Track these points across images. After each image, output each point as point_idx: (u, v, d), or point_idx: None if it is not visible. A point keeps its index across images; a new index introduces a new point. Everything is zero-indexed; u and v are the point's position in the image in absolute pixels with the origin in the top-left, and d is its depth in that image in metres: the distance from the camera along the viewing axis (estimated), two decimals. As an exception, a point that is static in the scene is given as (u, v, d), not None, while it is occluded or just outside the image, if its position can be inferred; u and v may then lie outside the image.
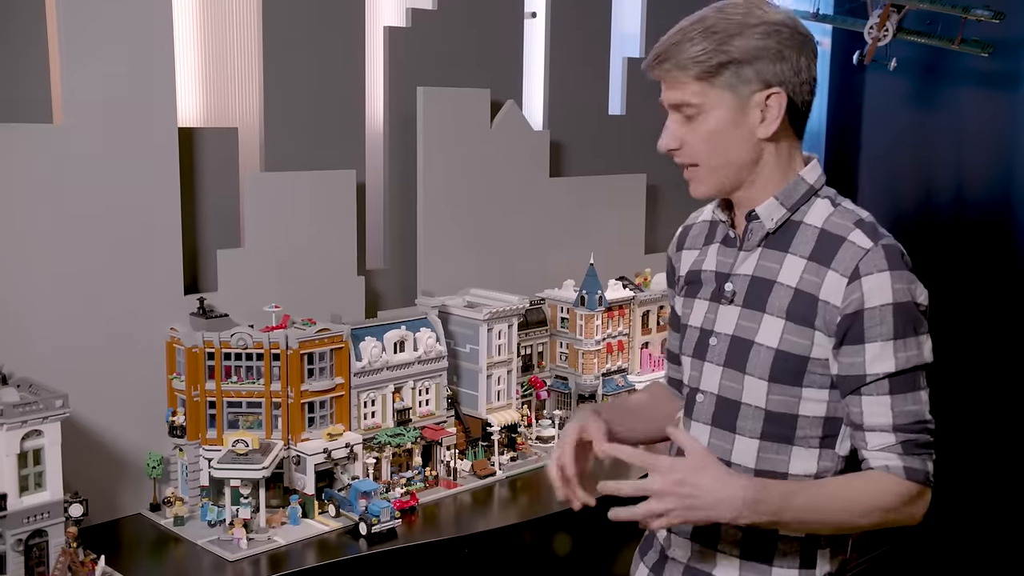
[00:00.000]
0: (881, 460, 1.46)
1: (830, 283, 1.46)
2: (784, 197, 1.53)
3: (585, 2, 3.59)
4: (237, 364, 2.48)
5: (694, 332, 1.64)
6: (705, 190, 1.56)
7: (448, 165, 3.15)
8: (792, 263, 1.50)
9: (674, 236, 1.80)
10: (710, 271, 1.63)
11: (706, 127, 1.50)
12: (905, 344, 1.45)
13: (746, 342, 1.53)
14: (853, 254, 1.45)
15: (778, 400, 1.51)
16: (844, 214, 1.52)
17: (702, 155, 1.52)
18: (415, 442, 2.73)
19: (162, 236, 2.54)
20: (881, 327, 1.44)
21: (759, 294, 1.53)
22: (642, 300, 3.41)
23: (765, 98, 1.48)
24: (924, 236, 4.39)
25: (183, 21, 2.68)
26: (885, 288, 1.43)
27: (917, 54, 4.26)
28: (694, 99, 1.49)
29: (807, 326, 1.48)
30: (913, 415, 1.47)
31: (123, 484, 2.52)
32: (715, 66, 1.46)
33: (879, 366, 1.45)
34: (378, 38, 3.06)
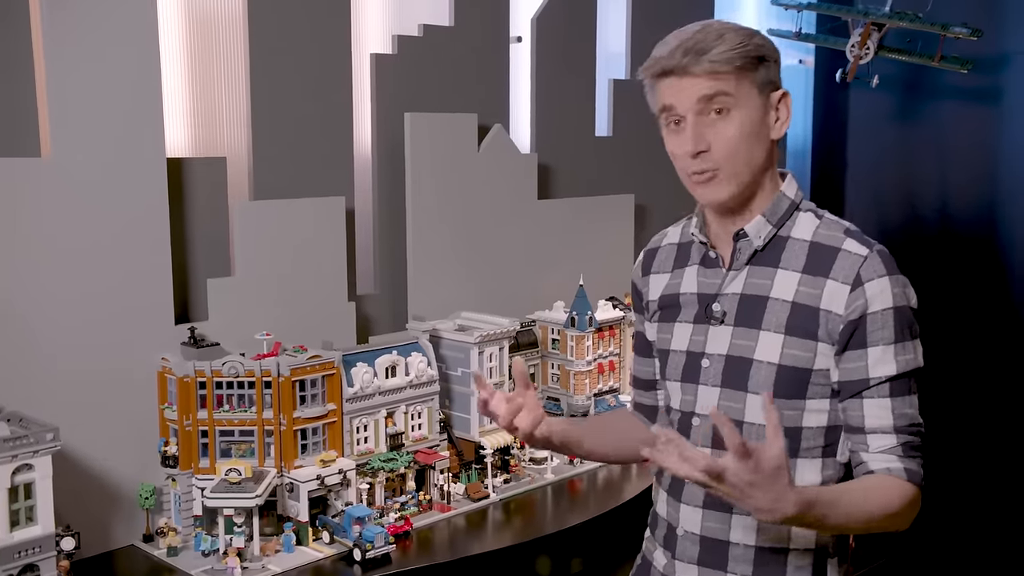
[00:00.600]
0: (882, 463, 1.48)
1: (831, 292, 1.48)
2: (770, 214, 1.55)
3: (570, 25, 3.62)
4: (229, 392, 2.48)
5: (679, 356, 1.62)
6: (723, 194, 1.52)
7: (437, 190, 3.17)
8: (785, 278, 1.52)
9: (637, 262, 1.78)
10: (691, 293, 1.62)
11: (736, 123, 1.49)
12: (904, 348, 1.48)
13: (745, 360, 1.53)
14: (852, 262, 1.48)
15: (783, 415, 1.51)
16: (831, 225, 1.54)
17: (731, 154, 1.50)
18: (408, 466, 2.73)
19: (152, 266, 2.54)
20: (883, 331, 1.47)
21: (752, 312, 1.54)
22: (632, 320, 3.42)
23: (779, 99, 1.53)
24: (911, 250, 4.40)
25: (170, 51, 2.70)
26: (886, 293, 1.47)
27: (899, 71, 4.30)
28: (732, 90, 1.48)
29: (809, 338, 1.49)
30: (910, 418, 1.50)
31: (116, 516, 2.51)
32: (753, 59, 1.49)
33: (881, 369, 1.48)
34: (365, 65, 3.08)
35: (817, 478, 1.53)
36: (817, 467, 1.54)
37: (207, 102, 2.86)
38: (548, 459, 3.06)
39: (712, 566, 1.59)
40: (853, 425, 1.51)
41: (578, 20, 3.65)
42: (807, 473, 1.53)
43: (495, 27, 3.38)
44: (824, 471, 1.54)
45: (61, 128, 2.37)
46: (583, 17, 3.67)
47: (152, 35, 2.49)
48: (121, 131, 2.46)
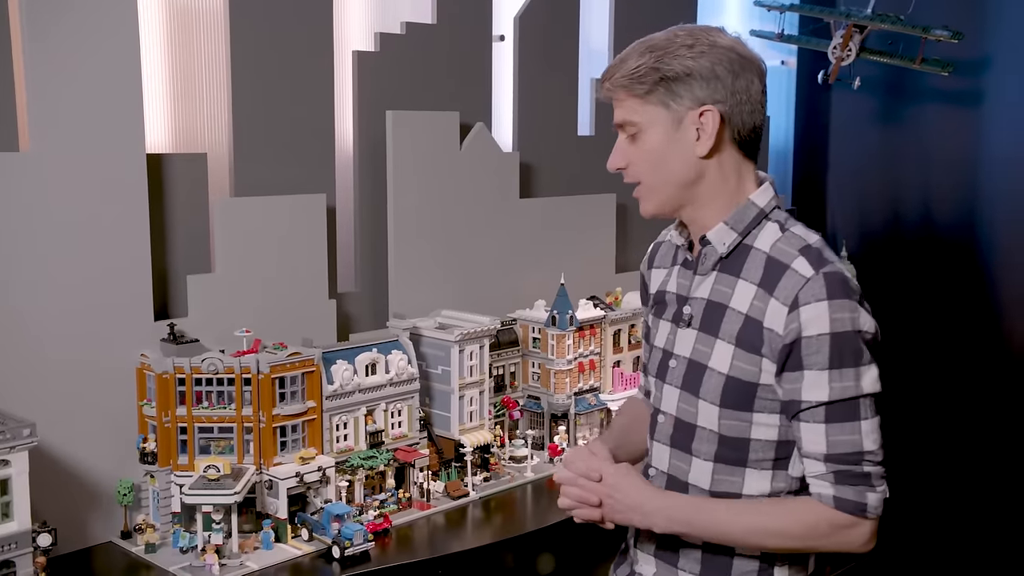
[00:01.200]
0: (815, 487, 1.50)
1: (772, 311, 1.48)
2: (734, 221, 1.56)
3: (553, 24, 3.63)
4: (208, 389, 2.48)
5: (657, 353, 1.67)
6: (649, 208, 1.62)
7: (418, 188, 3.17)
8: (743, 289, 1.53)
9: (646, 252, 1.83)
10: (672, 293, 1.66)
11: (646, 145, 1.56)
12: (841, 374, 1.45)
13: (700, 366, 1.56)
14: (794, 283, 1.46)
15: (730, 424, 1.53)
16: (791, 240, 1.53)
17: (644, 173, 1.58)
18: (388, 464, 2.73)
19: (131, 262, 2.53)
20: (817, 356, 1.44)
21: (713, 319, 1.55)
22: (613, 319, 3.43)
23: (698, 115, 1.52)
24: (892, 251, 4.46)
25: (150, 46, 2.68)
26: (822, 318, 1.44)
27: (880, 73, 4.33)
28: (633, 116, 1.55)
29: (755, 353, 1.50)
30: (850, 445, 1.47)
31: (93, 512, 2.50)
32: (650, 83, 1.52)
33: (813, 394, 1.46)
34: (347, 62, 3.08)
35: (766, 488, 1.55)
36: (767, 478, 1.55)
37: (188, 98, 2.85)
38: (528, 458, 3.07)
39: (666, 560, 1.63)
40: (798, 447, 1.52)
41: (561, 19, 3.66)
42: (756, 482, 1.55)
43: (478, 25, 3.38)
44: (774, 483, 1.55)
45: (40, 122, 2.36)
46: (566, 16, 3.68)
47: (132, 29, 2.48)
48: (101, 126, 2.45)
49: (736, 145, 1.55)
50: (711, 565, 1.58)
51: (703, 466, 1.57)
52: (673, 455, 1.61)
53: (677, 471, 1.60)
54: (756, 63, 1.55)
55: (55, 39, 2.36)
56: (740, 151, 1.56)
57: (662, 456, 1.63)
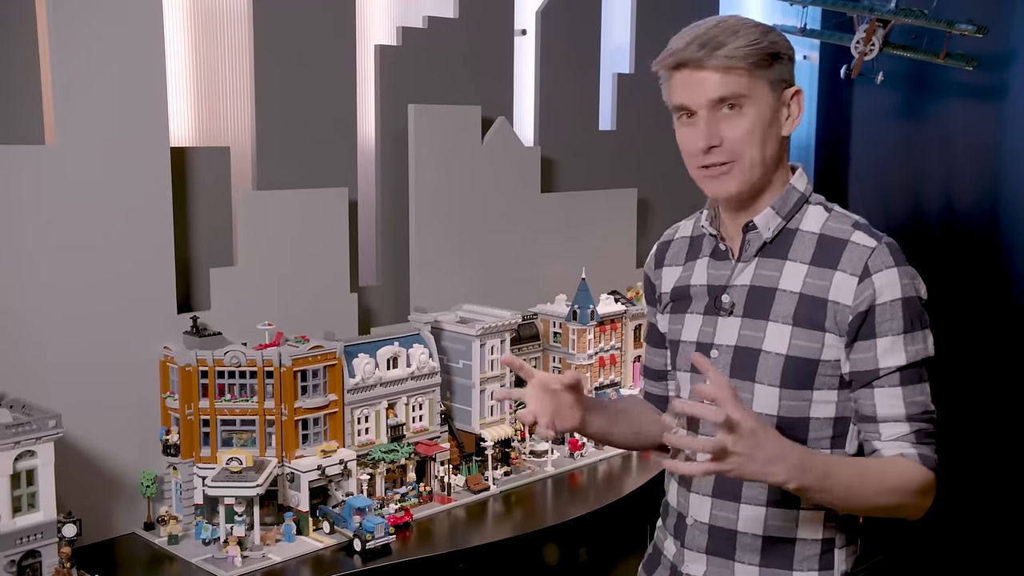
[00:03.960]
0: (895, 449, 1.51)
1: (839, 283, 1.49)
2: (779, 206, 1.57)
3: (574, 19, 3.62)
4: (231, 382, 2.49)
5: (689, 347, 1.65)
6: (735, 187, 1.54)
7: (440, 182, 3.17)
8: (793, 269, 1.53)
9: (650, 254, 1.81)
10: (701, 285, 1.65)
11: (749, 120, 1.51)
12: (913, 338, 1.50)
13: (753, 351, 1.55)
14: (860, 254, 1.49)
15: (790, 405, 1.53)
16: (840, 218, 1.56)
17: (743, 149, 1.52)
18: (409, 458, 2.74)
19: (155, 255, 2.54)
20: (892, 322, 1.49)
21: (760, 303, 1.55)
22: (634, 314, 3.42)
23: (791, 95, 1.55)
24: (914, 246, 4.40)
25: (175, 41, 2.70)
26: (895, 284, 1.48)
27: (903, 68, 4.29)
28: (743, 89, 1.50)
29: (816, 329, 1.51)
30: (922, 405, 1.52)
31: (117, 503, 2.52)
32: (768, 56, 1.51)
33: (891, 359, 1.50)
34: (369, 56, 3.08)
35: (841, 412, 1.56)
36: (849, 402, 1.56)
37: (211, 92, 2.86)
38: (548, 452, 3.06)
39: (720, 554, 1.61)
40: (865, 414, 1.53)
41: (583, 14, 3.65)
42: None
43: (500, 20, 3.38)
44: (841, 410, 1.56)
45: (66, 116, 2.37)
46: (588, 11, 3.67)
47: (157, 24, 2.49)
48: (125, 120, 2.46)
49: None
50: (773, 554, 1.57)
51: None
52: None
53: None
54: None
55: (81, 34, 2.37)
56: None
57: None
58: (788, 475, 1.36)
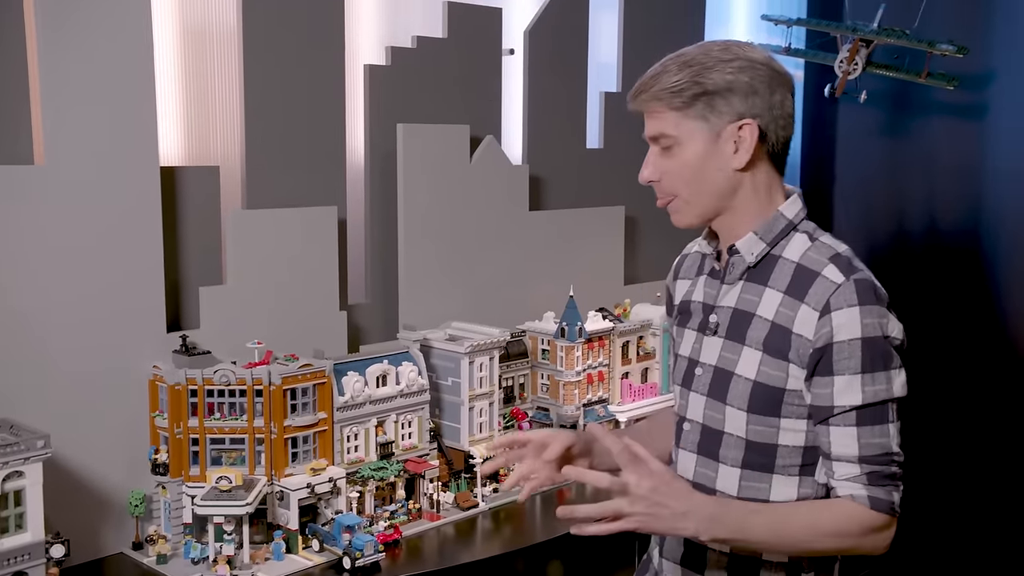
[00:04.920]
0: (847, 489, 1.50)
1: (803, 317, 1.50)
2: (763, 232, 1.59)
3: (562, 38, 3.65)
4: (220, 401, 2.49)
5: (683, 362, 1.69)
6: (684, 220, 1.62)
7: (429, 200, 3.19)
8: (770, 297, 1.55)
9: (672, 265, 1.86)
10: (698, 302, 1.69)
11: (682, 158, 1.56)
12: (873, 378, 1.48)
13: (727, 373, 1.58)
14: (825, 288, 1.49)
15: (757, 430, 1.55)
16: (821, 249, 1.56)
17: (680, 186, 1.58)
18: (398, 475, 2.74)
19: (144, 274, 2.55)
20: (849, 361, 1.47)
21: (739, 326, 1.58)
22: (622, 331, 3.44)
23: (737, 129, 1.54)
24: (899, 263, 4.46)
25: (164, 60, 2.71)
26: (854, 323, 1.47)
27: (886, 87, 4.34)
28: (670, 130, 1.55)
29: (782, 359, 1.52)
30: (880, 447, 1.50)
31: (105, 523, 2.51)
32: (689, 97, 1.53)
33: (846, 398, 1.48)
34: (358, 76, 3.10)
35: (793, 495, 1.56)
36: (793, 484, 1.56)
37: (201, 111, 2.88)
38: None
39: (693, 568, 1.64)
40: (823, 451, 1.53)
41: (570, 33, 3.68)
42: (783, 488, 1.56)
43: (488, 39, 3.41)
44: (801, 489, 1.56)
45: (55, 136, 2.38)
46: (575, 30, 3.70)
47: (147, 44, 2.51)
48: (115, 139, 2.47)
49: (769, 158, 1.59)
50: (737, 572, 1.59)
51: (730, 473, 1.58)
52: (699, 462, 1.62)
53: (704, 479, 1.61)
54: (788, 78, 1.59)
55: (70, 53, 2.38)
56: (772, 164, 1.60)
57: (688, 464, 1.65)
58: (698, 528, 1.43)
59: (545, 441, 1.70)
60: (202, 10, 2.84)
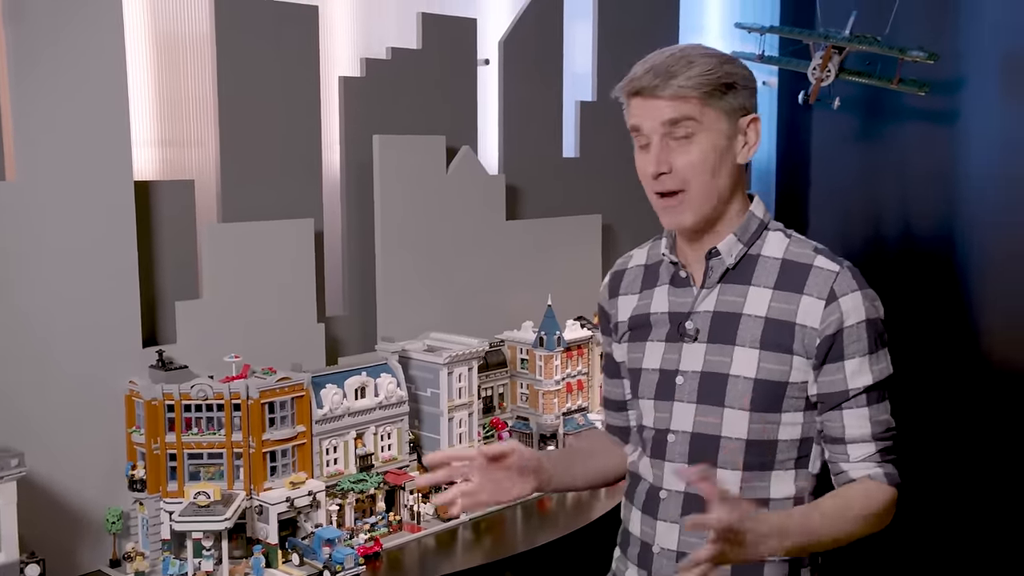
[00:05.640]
0: (863, 470, 1.56)
1: (806, 307, 1.53)
2: (741, 233, 1.61)
3: (537, 48, 3.67)
4: (198, 415, 2.48)
5: (652, 374, 1.66)
6: (688, 218, 1.57)
7: (405, 211, 3.19)
8: (757, 294, 1.56)
9: (603, 284, 1.82)
10: (662, 313, 1.66)
11: (700, 148, 1.53)
12: (877, 358, 1.56)
13: (720, 376, 1.57)
14: (825, 278, 1.54)
15: (759, 428, 1.56)
16: (801, 243, 1.61)
17: (694, 179, 1.54)
18: (378, 487, 2.73)
19: (119, 289, 2.53)
20: (858, 343, 1.53)
21: (725, 329, 1.58)
22: (600, 340, 3.44)
23: (747, 124, 1.57)
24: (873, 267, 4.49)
25: (137, 74, 2.70)
26: (860, 307, 1.53)
27: (859, 93, 4.39)
28: (696, 115, 1.52)
29: (784, 352, 1.54)
30: (885, 424, 1.58)
31: (82, 541, 2.49)
32: (722, 86, 1.53)
33: (859, 380, 1.54)
34: (333, 88, 3.10)
35: (791, 489, 1.58)
36: (791, 478, 1.59)
37: (175, 124, 2.86)
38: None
39: None
40: (833, 436, 1.56)
41: (545, 43, 3.70)
42: (781, 485, 1.58)
43: (463, 50, 3.42)
44: (797, 482, 1.59)
45: (27, 151, 2.36)
46: (550, 40, 3.72)
47: (119, 57, 2.50)
48: (88, 154, 2.46)
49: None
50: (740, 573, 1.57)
51: (731, 476, 1.57)
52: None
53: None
54: None
55: (42, 67, 2.37)
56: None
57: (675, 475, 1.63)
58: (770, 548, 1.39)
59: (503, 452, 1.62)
60: (175, 22, 2.84)
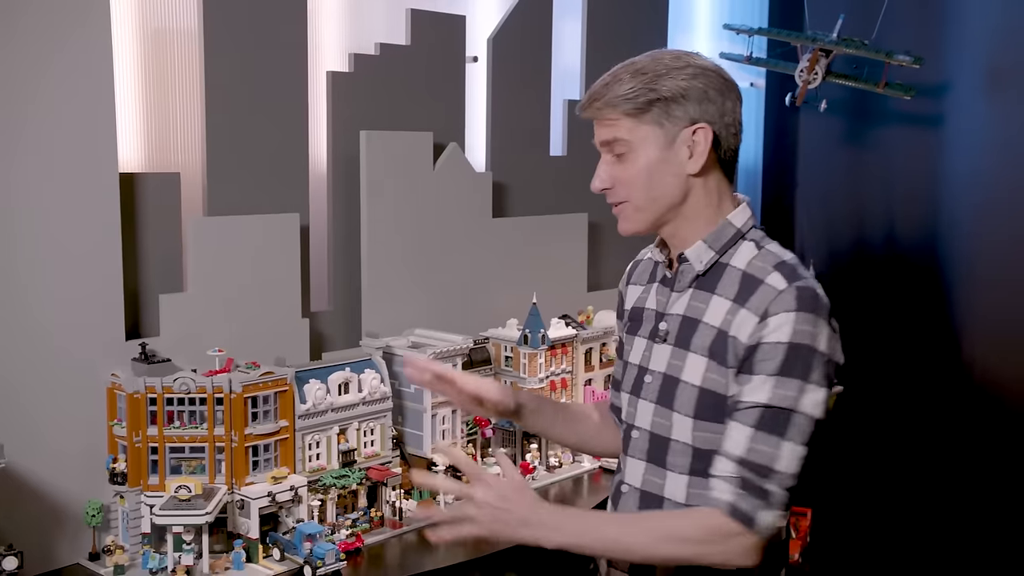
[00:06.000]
0: (716, 489, 1.50)
1: (742, 320, 1.51)
2: (712, 240, 1.60)
3: (525, 46, 3.67)
4: (180, 409, 2.47)
5: (632, 369, 1.70)
6: (632, 227, 1.63)
7: (392, 207, 3.19)
8: (717, 304, 1.56)
9: (626, 269, 1.86)
10: (651, 310, 1.70)
11: (636, 164, 1.57)
12: (784, 383, 1.47)
13: (674, 380, 1.59)
14: (766, 295, 1.50)
15: (703, 436, 1.56)
16: (766, 257, 1.57)
17: (633, 192, 1.59)
18: (360, 483, 2.73)
19: (103, 281, 2.52)
20: (769, 362, 1.47)
21: (687, 333, 1.59)
22: (585, 338, 3.46)
23: (691, 133, 1.56)
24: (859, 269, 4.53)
25: (124, 65, 2.69)
26: (786, 327, 1.47)
27: (846, 96, 4.41)
28: (624, 135, 1.56)
29: (723, 364, 1.53)
30: (766, 458, 1.47)
31: (61, 534, 2.48)
32: (644, 103, 1.55)
33: (754, 395, 1.48)
34: (321, 83, 3.10)
35: None
36: None
37: (161, 117, 2.85)
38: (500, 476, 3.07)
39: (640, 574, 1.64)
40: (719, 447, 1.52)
41: (534, 41, 3.70)
42: None
43: (451, 46, 3.42)
44: None
45: (10, 141, 2.35)
46: (539, 38, 3.72)
47: (106, 48, 2.49)
48: (74, 145, 2.44)
49: (719, 165, 1.61)
50: None
51: (678, 480, 1.59)
52: (648, 470, 1.63)
53: (651, 486, 1.62)
54: (736, 88, 1.62)
55: (27, 58, 2.35)
56: (723, 172, 1.62)
57: (636, 471, 1.66)
58: (537, 535, 1.49)
59: (479, 394, 1.74)
60: (163, 14, 2.82)
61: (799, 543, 3.81)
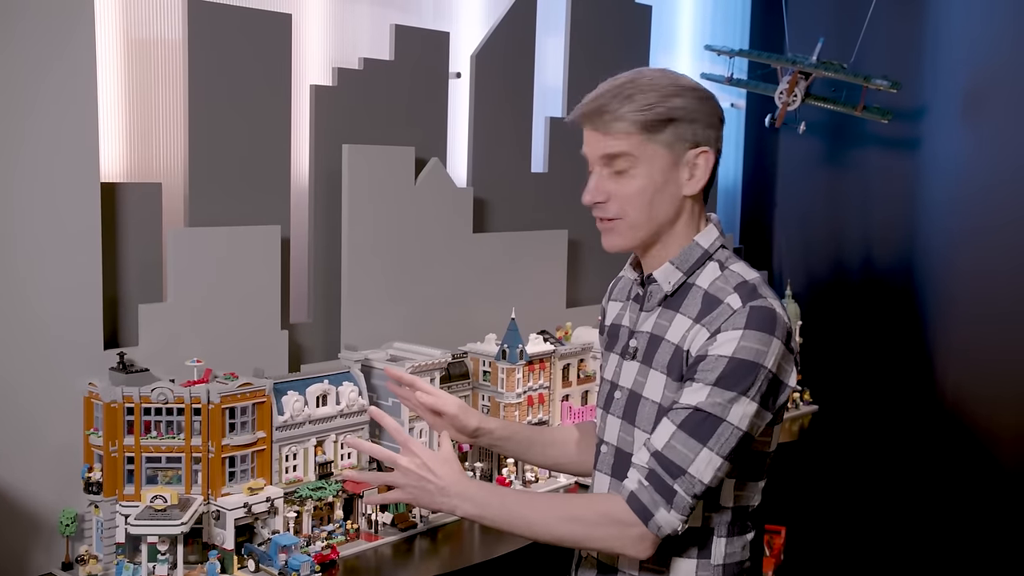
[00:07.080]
0: (627, 477, 1.54)
1: (695, 336, 1.54)
2: (680, 262, 1.62)
3: (508, 63, 3.70)
4: (157, 419, 2.47)
5: (605, 385, 1.73)
6: (621, 243, 1.62)
7: (373, 221, 3.20)
8: (680, 323, 1.58)
9: (608, 285, 1.88)
10: (625, 327, 1.72)
11: (637, 182, 1.56)
12: (719, 392, 1.48)
13: (637, 396, 1.62)
14: (722, 313, 1.52)
15: None
16: (729, 277, 1.58)
17: (630, 209, 1.58)
18: (336, 495, 2.74)
19: (82, 290, 2.53)
20: (709, 373, 1.49)
21: (651, 351, 1.62)
22: (563, 354, 3.48)
23: (695, 156, 1.57)
24: (836, 291, 4.58)
25: (107, 75, 2.70)
26: (731, 343, 1.49)
27: (825, 119, 4.48)
28: (633, 151, 1.55)
29: (678, 380, 1.55)
30: (682, 458, 1.48)
31: (34, 543, 2.47)
32: (659, 121, 1.53)
33: (688, 398, 1.50)
34: (304, 96, 3.12)
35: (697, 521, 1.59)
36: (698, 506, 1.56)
37: (144, 127, 2.86)
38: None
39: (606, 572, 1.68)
40: None
41: (517, 58, 3.74)
42: None
43: (435, 62, 3.45)
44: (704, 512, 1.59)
45: (-7, 150, 2.36)
46: (521, 55, 3.76)
47: (89, 58, 2.50)
48: (56, 154, 2.45)
49: (703, 189, 1.62)
50: None
51: None
52: (612, 485, 1.66)
53: None
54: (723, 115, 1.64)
55: (10, 66, 2.36)
56: (703, 195, 1.64)
57: (602, 485, 1.68)
58: (452, 504, 1.58)
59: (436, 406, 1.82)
60: (148, 24, 2.84)
61: (772, 561, 3.84)
